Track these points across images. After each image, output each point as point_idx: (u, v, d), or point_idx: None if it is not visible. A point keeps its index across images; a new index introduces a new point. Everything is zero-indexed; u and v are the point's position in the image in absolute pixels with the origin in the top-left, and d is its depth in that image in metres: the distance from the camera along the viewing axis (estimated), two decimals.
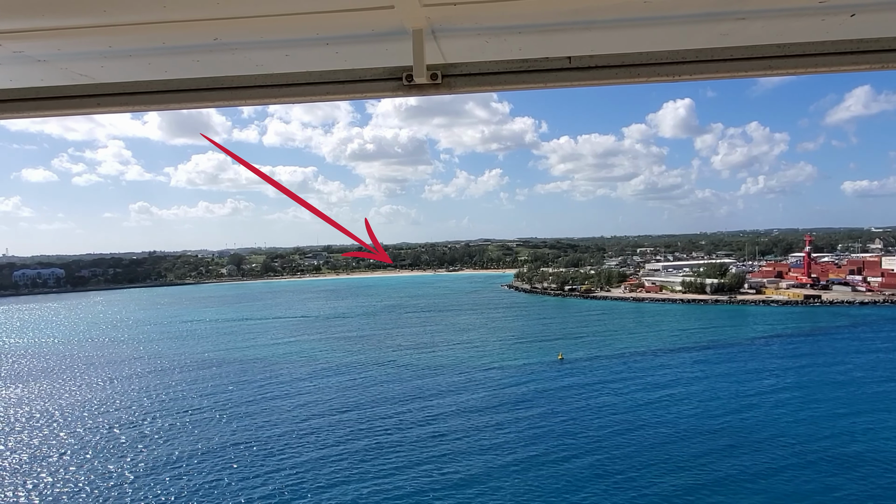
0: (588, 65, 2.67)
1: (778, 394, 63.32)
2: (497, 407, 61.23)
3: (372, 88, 2.79)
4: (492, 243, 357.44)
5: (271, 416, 60.63)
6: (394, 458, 47.83)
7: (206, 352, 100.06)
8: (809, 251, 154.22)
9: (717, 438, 50.41)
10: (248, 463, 48.10)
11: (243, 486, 43.47)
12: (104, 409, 65.82)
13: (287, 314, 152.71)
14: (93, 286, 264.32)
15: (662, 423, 54.64)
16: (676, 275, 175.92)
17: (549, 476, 43.64)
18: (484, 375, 75.67)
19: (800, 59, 2.57)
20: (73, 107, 2.93)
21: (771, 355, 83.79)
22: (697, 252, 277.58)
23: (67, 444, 54.66)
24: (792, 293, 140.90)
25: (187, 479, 45.12)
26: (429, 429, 55.02)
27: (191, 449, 51.61)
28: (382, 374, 78.82)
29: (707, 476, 42.81)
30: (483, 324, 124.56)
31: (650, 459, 46.09)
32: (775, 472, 43.23)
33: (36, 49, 2.65)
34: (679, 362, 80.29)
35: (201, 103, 2.90)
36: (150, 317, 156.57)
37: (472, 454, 48.35)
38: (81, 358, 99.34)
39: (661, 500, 39.40)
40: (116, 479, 45.76)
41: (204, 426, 58.22)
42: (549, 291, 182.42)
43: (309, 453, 49.73)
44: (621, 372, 75.56)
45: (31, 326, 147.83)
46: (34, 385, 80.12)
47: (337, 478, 44.48)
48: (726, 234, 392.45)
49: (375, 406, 63.03)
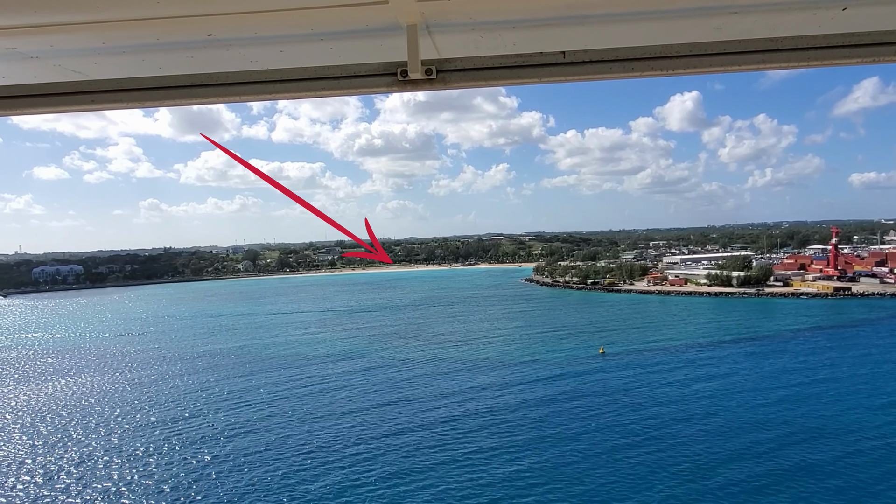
0: (582, 59, 2.67)
1: (838, 384, 63.62)
2: (550, 401, 61.41)
3: (366, 84, 2.78)
4: (504, 238, 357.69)
5: (327, 408, 61.40)
6: (444, 453, 47.99)
7: (244, 346, 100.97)
8: (836, 243, 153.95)
9: (784, 430, 50.63)
10: (299, 455, 48.74)
11: (290, 478, 44.08)
12: (153, 404, 66.75)
13: (314, 308, 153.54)
14: (111, 283, 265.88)
15: (721, 415, 54.93)
16: (697, 268, 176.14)
17: (622, 469, 44.15)
18: (530, 369, 76.05)
19: (792, 53, 2.59)
20: (66, 103, 2.91)
21: (819, 347, 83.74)
22: (711, 245, 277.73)
23: (127, 436, 55.54)
24: (820, 285, 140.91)
25: (240, 473, 45.87)
26: (483, 422, 55.50)
27: (248, 443, 52.47)
28: (428, 368, 79.43)
29: (773, 469, 43.04)
30: (515, 317, 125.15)
31: (716, 452, 46.42)
32: (846, 464, 43.41)
33: (29, 46, 2.63)
34: (726, 356, 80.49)
35: (196, 99, 2.88)
36: (178, 312, 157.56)
37: (530, 448, 48.72)
38: (123, 353, 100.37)
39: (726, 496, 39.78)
40: (173, 469, 46.65)
41: (260, 420, 58.95)
42: (571, 285, 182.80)
43: (359, 445, 50.36)
44: (668, 365, 75.74)
45: (64, 322, 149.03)
46: (84, 379, 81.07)
47: (386, 471, 44.98)
48: (735, 227, 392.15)
49: (425, 400, 63.50)
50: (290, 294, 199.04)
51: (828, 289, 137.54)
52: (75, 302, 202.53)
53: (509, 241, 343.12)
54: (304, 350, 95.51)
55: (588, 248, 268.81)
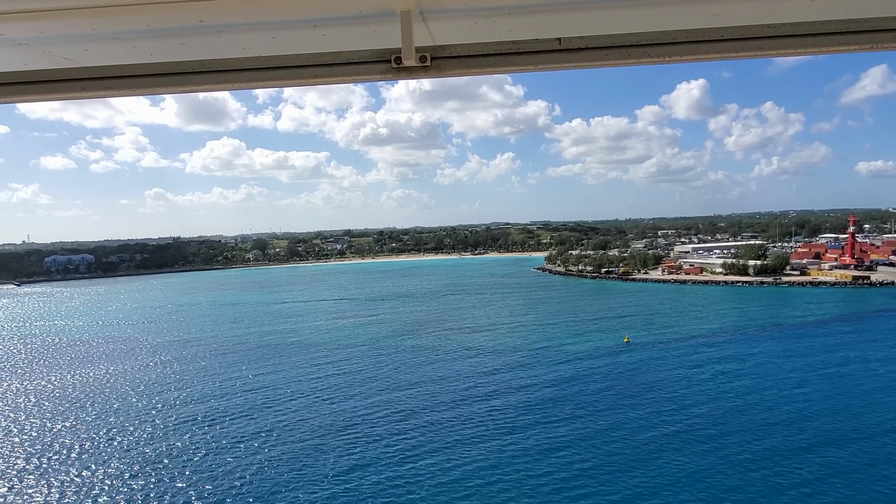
0: (578, 46, 2.64)
1: (873, 375, 63.50)
2: (580, 392, 61.52)
3: (360, 71, 2.76)
4: (513, 227, 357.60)
5: (359, 392, 61.80)
6: (478, 445, 48.07)
7: (265, 335, 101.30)
8: (854, 232, 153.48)
9: (821, 422, 50.67)
10: (337, 443, 49.03)
11: (322, 465, 44.46)
12: (185, 392, 67.11)
13: (330, 297, 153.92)
14: (122, 272, 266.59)
15: (757, 406, 54.98)
16: (709, 256, 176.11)
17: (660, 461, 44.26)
18: (557, 358, 76.23)
19: (790, 40, 2.56)
20: (57, 91, 2.87)
21: (847, 336, 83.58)
22: (721, 234, 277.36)
23: (159, 423, 55.96)
24: (838, 274, 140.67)
25: (265, 452, 46.31)
26: (516, 413, 55.71)
27: (272, 423, 53.05)
28: (455, 358, 79.59)
29: (811, 461, 43.12)
30: (533, 306, 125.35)
31: (754, 443, 46.47)
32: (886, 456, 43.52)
33: (17, 32, 2.58)
34: (755, 345, 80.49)
35: (188, 87, 2.84)
36: (194, 301, 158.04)
37: (568, 437, 48.93)
38: (147, 342, 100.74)
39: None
40: (194, 451, 47.11)
41: (289, 405, 59.35)
42: (584, 274, 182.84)
43: (395, 436, 50.62)
44: (696, 354, 75.81)
45: (84, 311, 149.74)
46: (114, 367, 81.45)
47: (420, 463, 45.19)
48: (741, 216, 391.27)
49: (454, 391, 63.80)
50: (302, 283, 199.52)
51: (846, 277, 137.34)
52: (91, 291, 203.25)
53: (518, 230, 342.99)
54: (326, 338, 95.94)
55: (597, 237, 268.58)
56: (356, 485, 41.52)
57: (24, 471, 46.82)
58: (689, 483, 39.94)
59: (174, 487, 42.49)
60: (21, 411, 63.07)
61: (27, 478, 45.51)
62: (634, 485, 40.04)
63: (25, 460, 48.88)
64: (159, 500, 40.69)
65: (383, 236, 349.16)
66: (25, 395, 69.77)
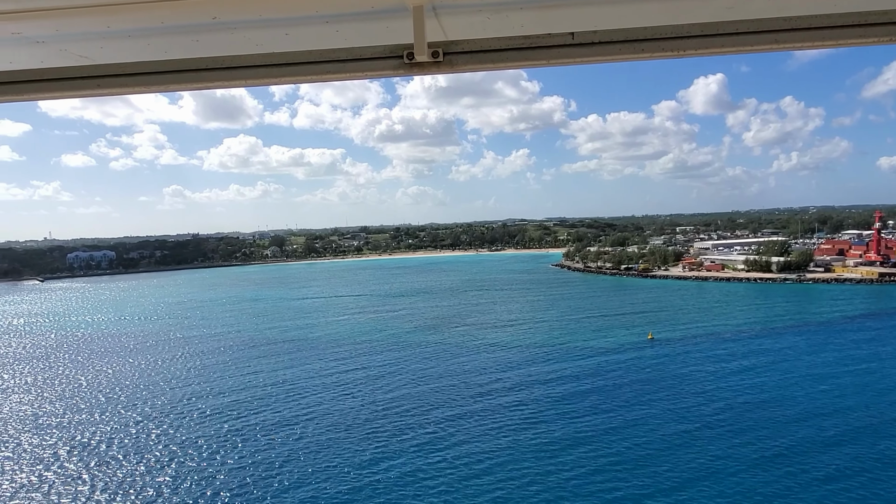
0: (591, 40, 2.63)
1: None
2: (605, 388, 61.33)
3: (372, 67, 2.76)
4: (529, 223, 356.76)
5: (382, 386, 62.37)
6: (506, 441, 48.05)
7: (287, 330, 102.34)
8: (879, 228, 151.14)
9: (850, 418, 50.18)
10: (363, 439, 49.50)
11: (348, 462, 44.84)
12: (213, 386, 68.03)
13: (349, 293, 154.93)
14: (143, 268, 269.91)
15: (785, 403, 54.54)
16: (730, 253, 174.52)
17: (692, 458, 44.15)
18: (581, 354, 76.13)
19: (806, 33, 2.52)
20: (73, 88, 2.92)
21: (876, 334, 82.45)
22: (740, 230, 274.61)
23: (187, 418, 56.86)
24: (864, 271, 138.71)
25: (291, 444, 46.87)
26: (542, 409, 55.80)
27: (298, 414, 53.67)
28: (478, 354, 79.85)
29: (841, 458, 42.78)
30: (554, 302, 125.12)
31: (783, 440, 46.14)
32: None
33: (35, 30, 2.60)
34: (781, 342, 79.69)
35: (202, 84, 2.88)
36: (215, 297, 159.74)
37: (594, 434, 48.90)
38: (174, 338, 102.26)
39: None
40: (230, 440, 47.88)
41: (321, 403, 60.00)
42: (604, 270, 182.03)
43: (423, 430, 51.03)
44: (722, 351, 75.27)
45: (109, 306, 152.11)
46: (141, 359, 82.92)
47: (447, 455, 45.39)
48: (760, 213, 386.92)
49: (479, 385, 64.01)
50: (321, 279, 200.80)
51: (872, 274, 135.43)
52: (114, 286, 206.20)
53: (534, 227, 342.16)
54: (348, 333, 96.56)
55: (615, 234, 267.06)
56: (381, 476, 41.99)
57: (60, 459, 47.98)
58: (720, 478, 39.86)
59: (203, 474, 43.40)
60: (56, 402, 64.43)
61: (65, 466, 46.64)
62: (662, 478, 40.05)
63: (67, 451, 50.03)
64: (190, 486, 41.51)
65: (399, 233, 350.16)
66: (60, 385, 71.26)
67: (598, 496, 38.17)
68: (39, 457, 48.72)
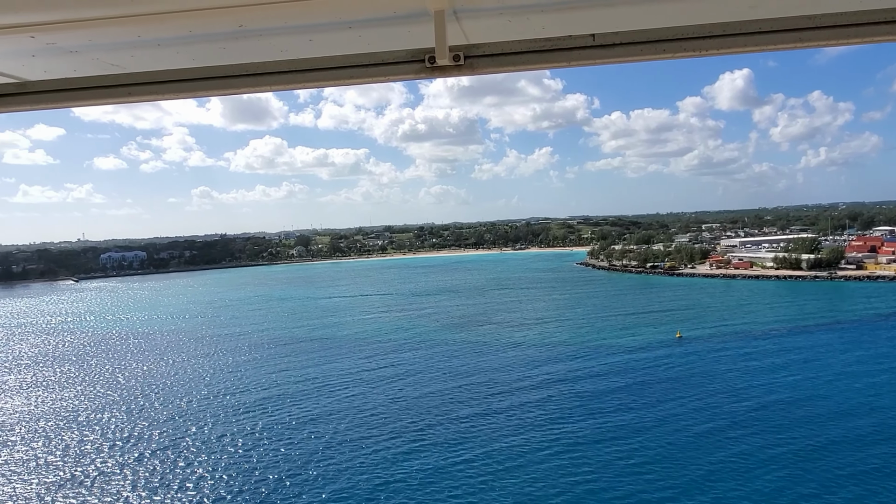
0: (612, 42, 2.64)
1: None
2: (634, 386, 61.10)
3: (394, 71, 2.81)
4: (552, 222, 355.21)
5: (410, 383, 62.89)
6: (537, 439, 48.13)
7: (316, 329, 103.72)
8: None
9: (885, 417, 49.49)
10: (395, 438, 49.97)
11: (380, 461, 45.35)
12: (245, 385, 69.27)
13: (376, 292, 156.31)
14: (173, 268, 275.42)
15: (817, 401, 53.89)
16: (759, 251, 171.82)
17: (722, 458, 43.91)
18: (609, 353, 75.92)
19: (832, 31, 2.47)
20: (105, 96, 3.04)
21: None
22: (768, 228, 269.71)
23: (221, 416, 58.08)
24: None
25: (321, 439, 47.60)
26: (570, 407, 55.76)
27: (329, 410, 54.45)
28: (505, 352, 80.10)
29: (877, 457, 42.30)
30: (580, 300, 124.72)
31: (815, 438, 45.62)
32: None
33: (68, 40, 2.68)
34: (812, 340, 78.44)
35: (229, 90, 2.99)
36: (244, 296, 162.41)
37: (624, 431, 48.85)
38: (206, 336, 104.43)
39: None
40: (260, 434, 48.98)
41: (349, 402, 60.80)
42: (629, 269, 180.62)
43: (452, 426, 51.38)
44: (752, 350, 74.36)
45: (142, 306, 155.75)
46: (175, 356, 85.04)
47: (476, 454, 45.65)
48: (788, 209, 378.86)
49: (507, 384, 64.21)
50: (347, 278, 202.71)
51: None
52: (146, 286, 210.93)
53: (558, 226, 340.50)
54: (375, 332, 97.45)
55: (640, 232, 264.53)
56: (409, 472, 42.58)
57: (102, 454, 49.64)
58: (752, 476, 39.64)
59: (240, 469, 44.50)
60: (96, 398, 66.50)
61: (105, 461, 48.23)
62: (693, 476, 39.96)
63: (108, 447, 51.71)
64: (227, 480, 42.66)
65: (423, 232, 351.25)
66: (99, 382, 73.46)
67: (627, 495, 38.22)
68: (81, 452, 50.42)
